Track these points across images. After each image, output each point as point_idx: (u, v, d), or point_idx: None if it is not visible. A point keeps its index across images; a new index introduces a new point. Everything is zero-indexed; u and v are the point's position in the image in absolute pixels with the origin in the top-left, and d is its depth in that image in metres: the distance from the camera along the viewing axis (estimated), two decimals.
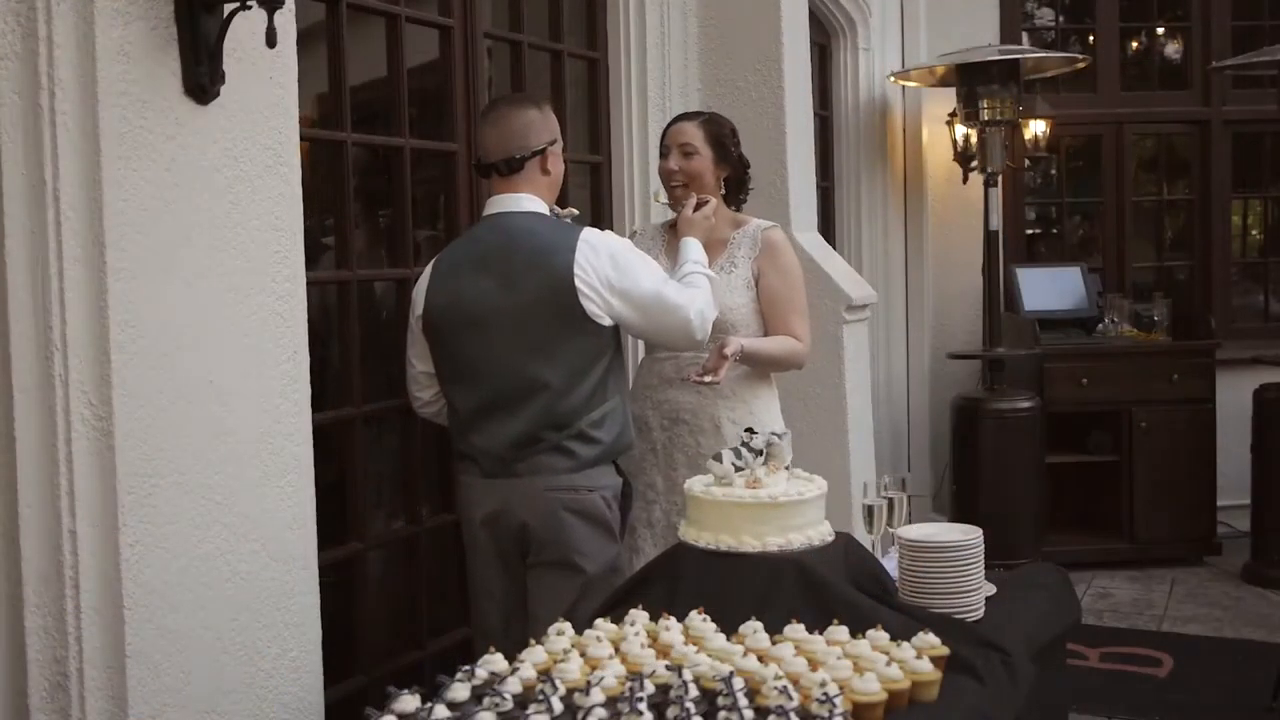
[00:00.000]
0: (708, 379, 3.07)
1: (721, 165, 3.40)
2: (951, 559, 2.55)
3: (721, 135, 3.42)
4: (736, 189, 3.47)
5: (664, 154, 3.42)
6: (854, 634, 2.27)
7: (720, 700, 1.95)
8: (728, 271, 3.31)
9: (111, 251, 2.15)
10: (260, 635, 2.47)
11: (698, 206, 3.29)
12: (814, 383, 4.27)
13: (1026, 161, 6.33)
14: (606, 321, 2.90)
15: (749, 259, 3.33)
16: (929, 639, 2.26)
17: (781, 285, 3.34)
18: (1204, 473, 5.92)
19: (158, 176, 2.23)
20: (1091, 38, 6.78)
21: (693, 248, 3.15)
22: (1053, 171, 7.02)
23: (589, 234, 2.92)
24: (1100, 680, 4.43)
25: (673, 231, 3.39)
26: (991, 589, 2.70)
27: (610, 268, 2.87)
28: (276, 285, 2.50)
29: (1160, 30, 6.95)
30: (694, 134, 3.38)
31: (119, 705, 2.20)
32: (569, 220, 3.11)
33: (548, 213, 3.00)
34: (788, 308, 3.34)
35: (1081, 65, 5.94)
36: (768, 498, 2.51)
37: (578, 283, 2.83)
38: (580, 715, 1.91)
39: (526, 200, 2.95)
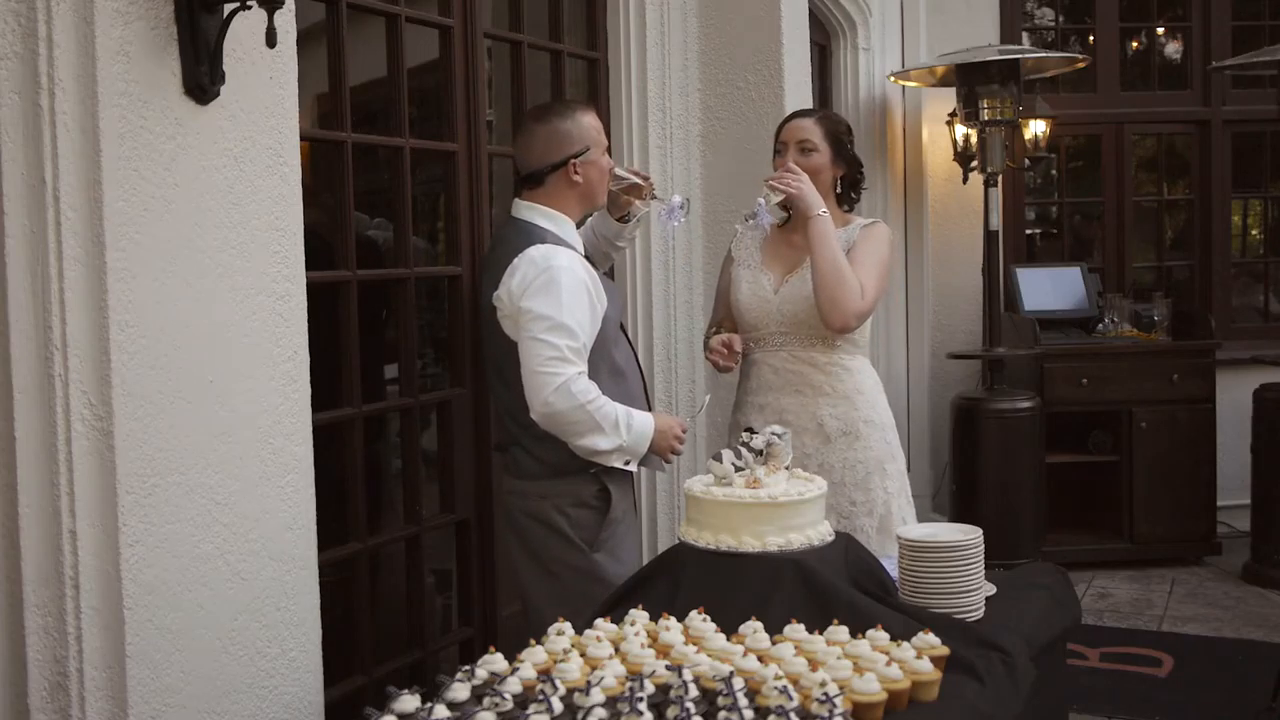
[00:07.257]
0: (720, 362, 3.18)
1: (838, 163, 3.32)
2: (951, 559, 2.55)
3: (839, 132, 3.34)
4: (850, 188, 3.39)
5: (779, 151, 3.33)
6: (854, 634, 2.27)
7: (720, 700, 1.95)
8: None
9: (111, 251, 2.15)
10: (260, 635, 2.47)
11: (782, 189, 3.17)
12: None
13: (1026, 161, 6.32)
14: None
15: (843, 251, 3.23)
16: (929, 639, 2.26)
17: (864, 252, 3.23)
18: (1204, 473, 5.92)
19: (158, 176, 2.23)
20: (1091, 38, 6.78)
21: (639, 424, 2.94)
22: (1053, 171, 7.02)
23: (534, 251, 2.90)
24: (1100, 680, 4.43)
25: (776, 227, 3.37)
26: (991, 589, 2.70)
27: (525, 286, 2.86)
28: (276, 285, 2.50)
29: (1160, 30, 6.95)
30: (812, 130, 3.30)
31: (119, 705, 2.20)
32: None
33: (545, 225, 3.00)
34: (862, 266, 3.19)
35: (1081, 65, 5.94)
36: (767, 498, 2.51)
37: (495, 301, 2.92)
38: (580, 715, 1.91)
39: (526, 209, 3.03)
